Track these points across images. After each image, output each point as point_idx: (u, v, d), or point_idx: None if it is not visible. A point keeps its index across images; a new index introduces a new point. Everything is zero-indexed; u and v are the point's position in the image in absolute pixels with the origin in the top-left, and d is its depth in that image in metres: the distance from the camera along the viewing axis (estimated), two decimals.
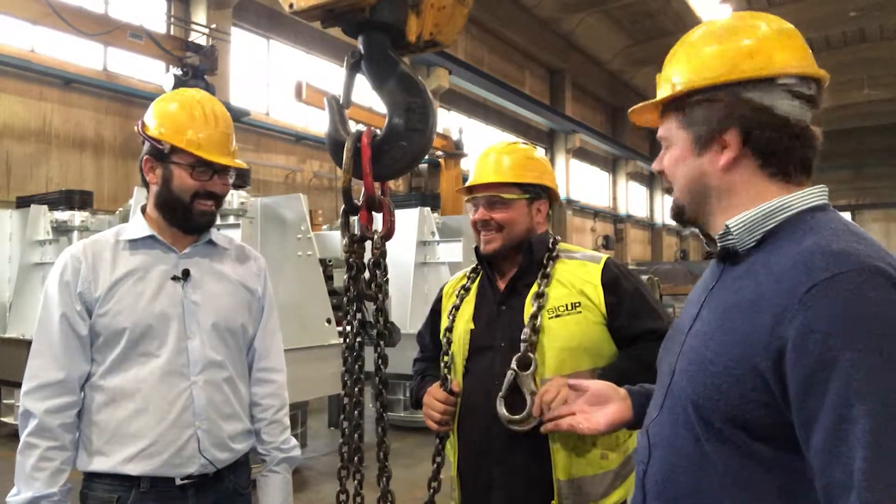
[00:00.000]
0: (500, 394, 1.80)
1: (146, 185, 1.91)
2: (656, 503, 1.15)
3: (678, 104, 1.18)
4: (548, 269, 1.92)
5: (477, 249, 2.03)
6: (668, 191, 1.26)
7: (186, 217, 1.86)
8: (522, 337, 1.82)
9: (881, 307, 0.90)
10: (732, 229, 1.11)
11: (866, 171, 31.36)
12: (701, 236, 1.26)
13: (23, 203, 7.54)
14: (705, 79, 1.13)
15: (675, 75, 1.18)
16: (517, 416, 1.77)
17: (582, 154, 25.26)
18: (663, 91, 1.20)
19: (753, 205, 1.11)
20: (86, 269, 1.81)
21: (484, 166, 2.02)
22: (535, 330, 1.83)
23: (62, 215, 7.05)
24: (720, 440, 1.04)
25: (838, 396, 0.89)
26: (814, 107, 1.12)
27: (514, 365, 1.80)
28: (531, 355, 1.80)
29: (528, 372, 1.79)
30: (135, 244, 1.88)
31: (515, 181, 1.97)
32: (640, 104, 1.26)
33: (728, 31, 1.16)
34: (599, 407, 1.52)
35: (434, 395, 1.95)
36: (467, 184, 2.03)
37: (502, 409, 1.79)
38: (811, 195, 1.11)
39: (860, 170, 31.13)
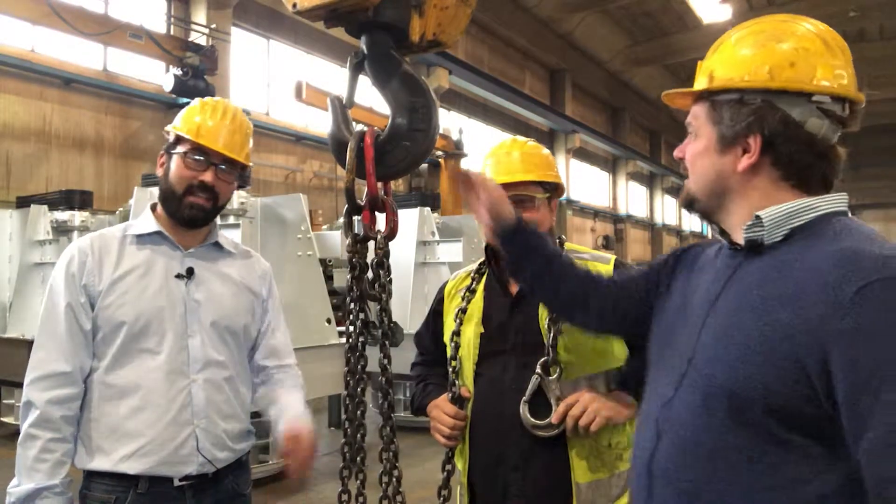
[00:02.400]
0: (525, 398, 1.76)
1: (155, 182, 1.95)
2: (668, 488, 1.14)
3: (711, 97, 1.18)
4: None
5: (488, 249, 1.96)
6: (683, 177, 1.26)
7: (177, 209, 1.86)
8: (550, 343, 1.78)
9: None
10: (765, 220, 1.10)
11: (865, 171, 31.32)
12: (709, 223, 1.26)
13: (23, 203, 7.53)
14: (743, 80, 1.13)
15: (716, 68, 1.18)
16: (542, 422, 1.74)
17: (582, 154, 25.24)
18: (700, 82, 1.20)
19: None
20: (91, 262, 1.81)
21: (504, 163, 1.91)
22: (558, 332, 1.78)
23: (62, 215, 7.05)
24: (754, 429, 1.04)
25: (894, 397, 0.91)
26: (843, 127, 1.12)
27: (538, 369, 1.76)
28: (558, 359, 1.77)
29: (554, 376, 1.76)
30: (141, 239, 1.88)
31: (543, 179, 1.89)
32: (677, 90, 1.25)
33: (776, 33, 1.15)
34: None
35: (443, 409, 1.88)
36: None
37: (527, 415, 1.75)
38: (834, 200, 1.12)
39: (859, 170, 31.10)
